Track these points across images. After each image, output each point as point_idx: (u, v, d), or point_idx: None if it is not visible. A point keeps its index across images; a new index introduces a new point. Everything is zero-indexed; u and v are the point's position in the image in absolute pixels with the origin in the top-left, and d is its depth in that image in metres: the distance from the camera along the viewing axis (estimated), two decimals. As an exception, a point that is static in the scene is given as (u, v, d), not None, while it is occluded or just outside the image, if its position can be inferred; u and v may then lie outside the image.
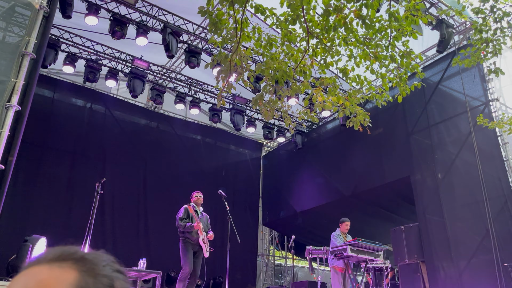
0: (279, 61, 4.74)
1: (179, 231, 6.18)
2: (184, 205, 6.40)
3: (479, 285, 6.91)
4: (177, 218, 6.23)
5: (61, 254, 0.71)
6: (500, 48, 4.33)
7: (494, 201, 7.06)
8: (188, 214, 6.28)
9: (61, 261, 0.70)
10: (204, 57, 9.32)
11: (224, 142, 13.30)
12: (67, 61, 9.16)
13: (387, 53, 4.48)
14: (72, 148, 10.01)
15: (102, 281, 0.69)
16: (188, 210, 6.32)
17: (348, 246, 6.19)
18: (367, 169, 9.87)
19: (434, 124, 8.51)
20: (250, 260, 12.55)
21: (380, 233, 10.20)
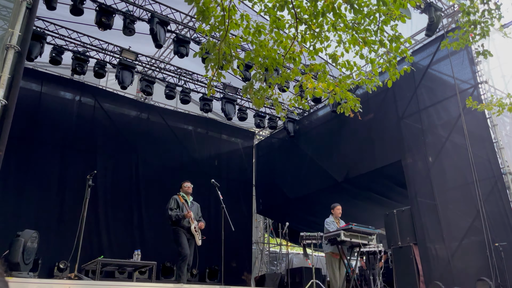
0: (268, 48, 4.71)
1: (171, 221, 6.18)
2: (173, 195, 6.40)
3: (471, 265, 7.03)
4: (167, 209, 6.22)
5: None
6: (488, 30, 4.34)
7: (484, 182, 7.15)
8: (178, 203, 6.27)
9: None
10: (193, 46, 9.24)
11: (216, 132, 13.27)
12: (54, 54, 9.01)
13: (376, 37, 4.47)
14: (62, 142, 9.91)
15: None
16: (177, 200, 6.32)
17: (341, 231, 6.25)
18: (359, 155, 9.92)
19: (424, 108, 8.55)
20: (245, 248, 12.63)
21: (373, 218, 10.31)
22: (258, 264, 13.54)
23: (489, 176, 7.16)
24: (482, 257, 6.80)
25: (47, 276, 8.37)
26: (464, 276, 6.99)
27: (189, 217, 6.12)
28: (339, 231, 6.31)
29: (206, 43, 4.65)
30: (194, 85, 11.23)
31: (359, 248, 6.64)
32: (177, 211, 6.18)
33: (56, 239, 8.59)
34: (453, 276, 7.14)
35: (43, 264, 8.56)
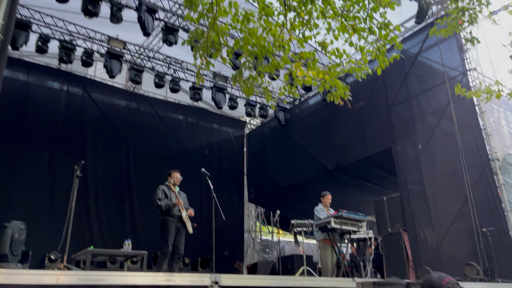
0: (257, 36, 4.67)
1: (161, 212, 6.11)
2: (160, 185, 6.30)
3: (459, 250, 7.15)
4: (155, 200, 6.12)
5: None
6: (476, 17, 4.34)
7: (473, 169, 7.23)
8: (165, 193, 6.19)
9: None
10: (182, 34, 9.13)
11: (206, 121, 13.22)
12: (40, 43, 8.85)
13: (365, 25, 4.45)
14: (50, 133, 9.80)
15: None
16: (165, 189, 6.22)
17: (332, 218, 6.29)
18: (349, 143, 9.96)
19: (414, 95, 8.59)
20: (237, 237, 12.70)
21: (363, 205, 10.39)
22: (250, 252, 13.64)
23: (477, 163, 7.24)
24: (470, 242, 6.91)
25: (38, 267, 8.34)
26: (452, 261, 7.10)
27: (180, 205, 6.07)
28: (329, 218, 6.36)
29: (194, 31, 4.60)
30: (184, 74, 11.14)
31: (349, 235, 6.71)
32: (166, 200, 6.10)
33: (47, 230, 8.54)
34: (442, 261, 7.25)
35: (34, 255, 8.51)
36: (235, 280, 3.48)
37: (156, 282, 3.08)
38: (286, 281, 4.14)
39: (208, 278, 3.24)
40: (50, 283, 2.60)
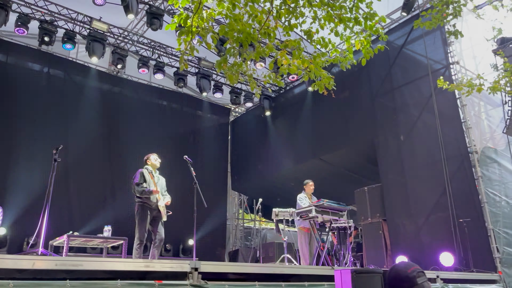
0: (242, 22, 4.61)
1: (136, 196, 5.98)
2: (139, 169, 6.18)
3: (436, 240, 7.32)
4: (133, 184, 5.98)
5: None
6: (460, 10, 4.38)
7: (452, 160, 7.38)
8: (145, 178, 6.05)
9: None
10: (166, 18, 8.97)
11: (191, 108, 13.09)
12: (19, 22, 8.59)
13: (351, 15, 4.45)
14: (30, 115, 9.55)
15: None
16: (144, 174, 6.08)
17: (313, 207, 6.36)
18: (332, 132, 10.03)
19: (398, 87, 8.67)
20: (220, 224, 12.73)
21: (345, 194, 10.51)
22: (232, 240, 13.71)
23: (456, 155, 7.39)
24: (447, 232, 7.09)
25: (16, 252, 8.23)
26: (429, 250, 7.27)
27: (157, 194, 5.96)
28: (311, 207, 6.42)
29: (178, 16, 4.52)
30: (168, 59, 10.98)
31: (330, 224, 6.79)
32: (145, 186, 5.97)
33: (25, 215, 8.40)
34: (419, 250, 7.42)
35: (12, 239, 8.40)
36: (215, 267, 3.50)
37: (135, 268, 3.07)
38: (267, 268, 4.19)
39: (188, 264, 3.25)
40: (26, 267, 2.56)
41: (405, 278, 2.02)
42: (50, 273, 2.64)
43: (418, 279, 2.00)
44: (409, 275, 2.02)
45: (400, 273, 2.05)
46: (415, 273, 2.02)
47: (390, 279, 2.10)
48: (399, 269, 2.08)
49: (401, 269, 2.07)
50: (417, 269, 2.05)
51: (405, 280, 2.01)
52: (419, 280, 2.00)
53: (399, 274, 2.06)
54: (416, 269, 2.05)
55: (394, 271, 2.10)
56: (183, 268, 3.22)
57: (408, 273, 2.02)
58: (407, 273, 2.03)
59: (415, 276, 2.01)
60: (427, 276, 2.08)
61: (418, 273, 2.03)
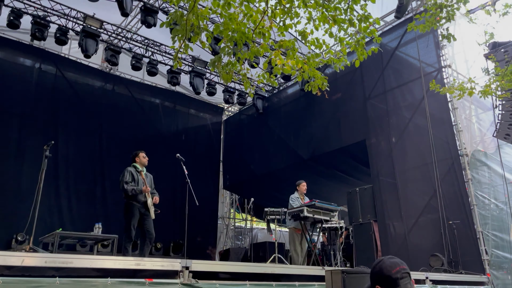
0: (237, 22, 4.61)
1: (125, 195, 5.90)
2: (127, 167, 6.12)
3: (426, 242, 7.38)
4: (121, 182, 5.91)
5: None
6: (453, 14, 4.42)
7: (442, 163, 7.44)
8: (133, 176, 6.00)
9: None
10: (161, 16, 8.94)
11: (183, 106, 13.06)
12: (12, 17, 8.49)
13: (346, 16, 4.46)
14: (20, 111, 9.45)
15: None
16: (132, 172, 6.03)
17: (304, 207, 6.37)
18: (325, 133, 10.07)
19: (390, 89, 8.72)
20: (211, 223, 12.72)
21: (336, 195, 10.57)
22: (223, 239, 13.70)
23: (446, 157, 7.45)
24: (436, 234, 7.14)
25: (5, 248, 8.14)
26: (418, 251, 7.33)
27: (147, 192, 5.93)
28: (302, 207, 6.44)
29: (173, 13, 4.51)
30: (162, 57, 10.94)
31: (321, 224, 6.81)
32: (133, 184, 5.92)
33: (14, 211, 8.31)
34: (409, 251, 7.48)
35: (1, 236, 8.31)
36: (206, 265, 3.50)
37: (126, 266, 3.06)
38: (257, 267, 4.19)
39: (178, 263, 3.24)
40: (15, 264, 2.54)
41: (388, 278, 1.96)
42: (39, 270, 2.62)
43: (401, 280, 1.94)
44: (392, 275, 1.96)
45: (383, 271, 1.99)
46: (399, 274, 1.96)
47: (374, 274, 2.05)
48: (383, 267, 2.01)
49: (386, 267, 2.00)
50: (403, 269, 1.98)
51: (387, 280, 1.96)
52: (402, 282, 1.94)
53: (382, 271, 2.00)
54: (401, 269, 1.97)
55: (379, 267, 2.04)
56: (174, 267, 3.21)
57: (392, 273, 1.96)
58: (391, 273, 1.96)
59: (398, 278, 1.95)
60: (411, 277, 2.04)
61: (403, 274, 1.96)
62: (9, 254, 2.68)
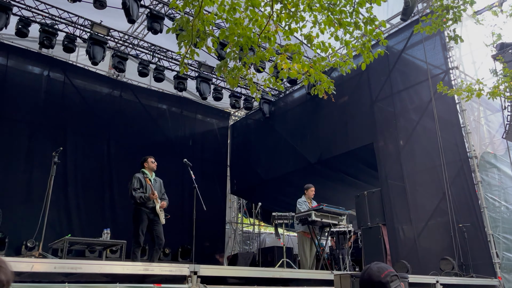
0: (243, 26, 4.63)
1: (134, 201, 5.90)
2: (135, 174, 6.12)
3: (436, 245, 7.30)
4: (130, 189, 5.91)
5: None
6: (460, 15, 4.40)
7: (451, 165, 7.38)
8: (141, 183, 6.00)
9: None
10: (167, 22, 9.00)
11: (190, 111, 13.11)
12: (20, 25, 8.60)
13: (351, 19, 4.46)
14: (29, 118, 9.56)
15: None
16: (141, 179, 6.03)
17: (312, 211, 6.34)
18: (332, 137, 10.04)
19: (397, 92, 8.69)
20: (219, 228, 12.71)
21: (344, 199, 10.52)
22: (231, 244, 13.67)
23: (455, 160, 7.39)
24: (446, 237, 7.07)
25: (15, 254, 8.20)
26: (428, 255, 7.26)
27: (155, 199, 5.94)
28: (310, 211, 6.41)
29: (179, 19, 4.54)
30: (169, 62, 11.00)
31: (329, 228, 6.77)
32: (141, 191, 5.92)
33: (24, 217, 8.38)
34: (418, 255, 7.40)
35: (10, 242, 8.37)
36: (214, 270, 3.49)
37: (134, 271, 3.06)
38: (266, 272, 4.17)
39: (187, 268, 3.24)
40: (25, 270, 2.55)
41: (378, 283, 1.97)
42: (49, 276, 2.63)
43: (391, 284, 1.95)
44: (382, 280, 1.96)
45: (373, 278, 2.01)
46: (388, 277, 1.97)
47: (363, 282, 2.05)
48: (372, 273, 2.02)
49: (374, 273, 2.02)
50: (391, 272, 1.99)
51: (378, 285, 1.97)
52: (392, 285, 1.95)
53: (372, 278, 2.01)
54: (390, 273, 1.99)
55: (367, 275, 2.05)
56: (182, 272, 3.21)
57: (381, 278, 1.97)
58: (380, 278, 1.97)
59: (388, 281, 1.95)
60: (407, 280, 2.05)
61: (392, 278, 1.98)
62: (19, 260, 2.69)
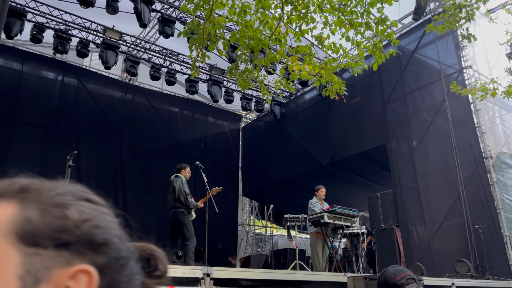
0: (253, 29, 4.64)
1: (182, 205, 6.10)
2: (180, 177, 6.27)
3: (451, 247, 7.20)
4: (184, 193, 6.10)
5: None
6: (473, 14, 4.34)
7: (466, 166, 7.27)
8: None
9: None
10: (178, 26, 9.07)
11: (202, 114, 13.17)
12: (34, 31, 8.76)
13: (362, 20, 4.44)
14: (43, 123, 9.72)
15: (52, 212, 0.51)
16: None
17: (325, 213, 6.31)
18: (344, 138, 9.98)
19: (410, 92, 8.60)
20: (231, 230, 12.72)
21: (357, 200, 10.44)
22: (244, 246, 13.67)
23: (470, 160, 7.28)
24: (461, 239, 6.97)
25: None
26: (443, 257, 7.16)
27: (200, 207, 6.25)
28: (322, 213, 6.37)
29: (190, 23, 4.57)
30: (180, 66, 11.08)
31: (342, 230, 6.73)
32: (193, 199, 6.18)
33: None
34: (433, 257, 7.31)
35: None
36: (227, 273, 3.49)
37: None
38: (278, 274, 4.16)
39: (200, 270, 3.25)
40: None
41: (393, 285, 1.96)
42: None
43: (407, 286, 1.94)
44: (397, 282, 1.95)
45: (388, 280, 2.00)
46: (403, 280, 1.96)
47: (379, 285, 2.05)
48: (387, 276, 2.02)
49: (390, 275, 2.01)
50: (407, 275, 1.98)
51: (392, 287, 1.96)
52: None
53: (387, 280, 2.01)
54: (406, 275, 1.98)
55: (383, 277, 2.04)
56: (195, 274, 3.22)
57: (396, 280, 1.96)
58: (395, 280, 1.97)
59: (403, 284, 1.94)
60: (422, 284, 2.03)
61: (408, 280, 1.97)
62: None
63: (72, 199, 0.54)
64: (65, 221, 0.51)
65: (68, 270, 0.49)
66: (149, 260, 0.63)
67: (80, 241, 0.51)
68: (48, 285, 0.47)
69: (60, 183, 0.57)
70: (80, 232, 0.51)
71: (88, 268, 0.49)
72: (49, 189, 0.55)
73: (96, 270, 0.50)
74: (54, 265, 0.48)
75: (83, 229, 0.52)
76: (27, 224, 0.49)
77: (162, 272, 0.62)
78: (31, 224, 0.49)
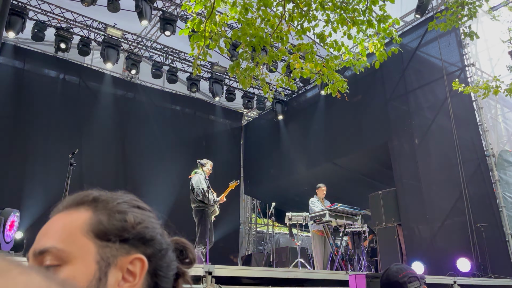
0: (255, 27, 4.62)
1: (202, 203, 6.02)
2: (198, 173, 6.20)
3: (453, 245, 7.19)
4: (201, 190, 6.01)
5: (76, 198, 0.74)
6: (475, 11, 4.32)
7: (468, 164, 7.25)
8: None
9: (77, 205, 0.73)
10: (179, 24, 9.06)
11: (203, 112, 13.17)
12: (36, 30, 8.76)
13: (364, 17, 4.42)
14: (45, 121, 9.73)
15: (116, 217, 0.71)
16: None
17: (326, 211, 6.31)
18: (346, 136, 9.97)
19: (412, 90, 8.58)
20: (233, 228, 12.72)
21: (359, 198, 10.43)
22: (245, 244, 13.68)
23: (472, 158, 7.26)
24: (463, 237, 6.95)
25: (33, 255, 8.32)
26: (445, 255, 7.15)
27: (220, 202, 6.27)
28: (324, 211, 6.37)
29: (191, 21, 4.56)
30: (182, 64, 11.07)
31: (344, 228, 6.73)
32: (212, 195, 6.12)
33: (41, 219, 8.51)
34: (435, 255, 7.30)
35: (28, 243, 8.51)
36: (228, 271, 3.49)
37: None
38: (280, 272, 4.16)
39: (201, 268, 3.25)
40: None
41: (395, 283, 1.96)
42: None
43: (409, 284, 1.94)
44: (399, 280, 1.96)
45: (391, 278, 2.00)
46: (406, 278, 1.96)
47: (382, 283, 2.05)
48: (390, 274, 2.02)
49: (392, 273, 2.01)
50: (410, 274, 1.98)
51: (395, 285, 1.96)
52: (410, 286, 1.94)
53: (389, 278, 2.00)
54: (409, 273, 1.98)
55: (386, 276, 2.04)
56: (197, 272, 3.22)
57: (398, 278, 1.96)
58: (397, 278, 1.97)
59: (405, 282, 1.94)
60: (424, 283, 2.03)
61: (410, 278, 1.97)
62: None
63: (128, 207, 0.74)
64: (125, 223, 0.71)
65: (128, 257, 0.68)
66: (181, 250, 0.82)
67: (135, 237, 0.71)
68: (115, 268, 0.67)
69: (119, 194, 0.78)
70: (135, 231, 0.71)
71: (141, 256, 0.69)
72: (112, 199, 0.75)
73: (146, 258, 0.70)
74: (119, 254, 0.68)
75: (137, 229, 0.71)
76: (99, 225, 0.69)
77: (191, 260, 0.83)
78: (103, 225, 0.69)
